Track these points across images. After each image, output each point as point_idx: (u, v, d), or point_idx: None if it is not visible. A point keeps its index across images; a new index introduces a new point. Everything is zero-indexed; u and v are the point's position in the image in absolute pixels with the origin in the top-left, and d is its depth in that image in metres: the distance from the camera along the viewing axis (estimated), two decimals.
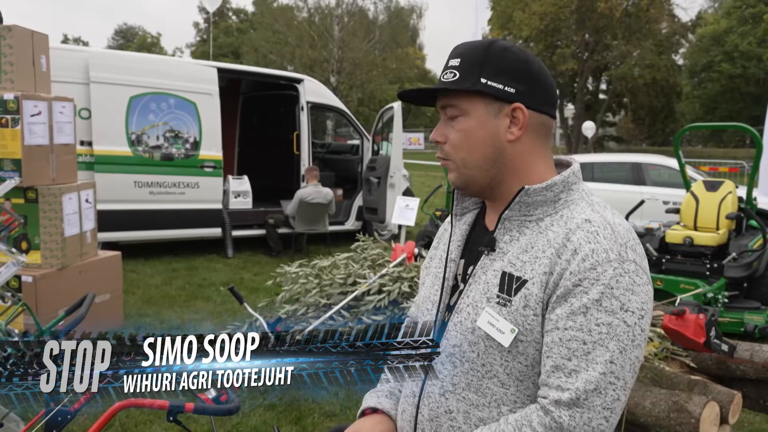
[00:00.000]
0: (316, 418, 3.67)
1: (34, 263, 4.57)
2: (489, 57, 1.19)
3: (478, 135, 1.20)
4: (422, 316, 1.35)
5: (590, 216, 1.15)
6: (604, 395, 1.05)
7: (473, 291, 1.22)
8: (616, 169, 10.61)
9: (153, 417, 3.56)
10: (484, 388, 1.18)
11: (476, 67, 1.19)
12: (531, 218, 1.19)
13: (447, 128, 1.24)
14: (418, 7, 48.22)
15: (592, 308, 1.07)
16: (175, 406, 1.62)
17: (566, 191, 1.19)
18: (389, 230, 9.22)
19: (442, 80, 1.22)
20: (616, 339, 1.06)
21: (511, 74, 1.19)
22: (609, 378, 1.05)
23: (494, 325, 1.16)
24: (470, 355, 1.19)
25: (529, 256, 1.16)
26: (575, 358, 1.06)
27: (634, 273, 1.09)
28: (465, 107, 1.20)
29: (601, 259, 1.09)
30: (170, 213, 7.89)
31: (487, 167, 1.21)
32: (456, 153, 1.22)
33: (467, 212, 1.36)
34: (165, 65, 8.41)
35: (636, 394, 2.73)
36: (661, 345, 3.04)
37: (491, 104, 1.19)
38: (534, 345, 1.13)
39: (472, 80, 1.18)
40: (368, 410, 1.39)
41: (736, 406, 2.68)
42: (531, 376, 1.15)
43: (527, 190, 1.18)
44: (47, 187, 4.59)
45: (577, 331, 1.07)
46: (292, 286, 4.69)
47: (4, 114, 4.38)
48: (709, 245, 5.48)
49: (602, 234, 1.11)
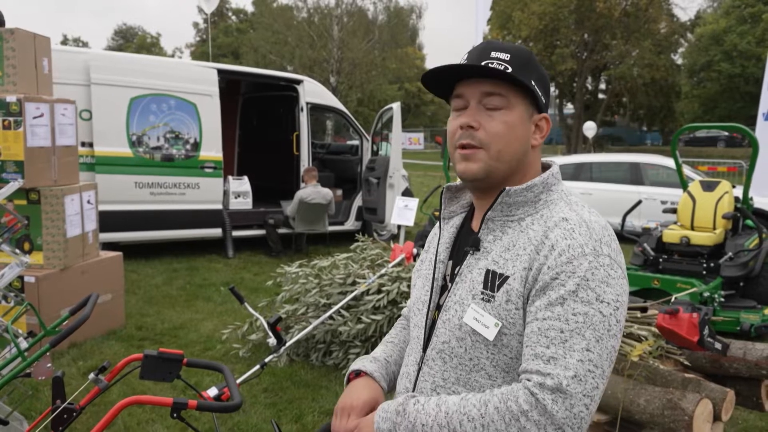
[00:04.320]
0: (316, 416, 3.71)
1: (37, 264, 4.61)
2: (535, 63, 1.25)
3: (517, 131, 1.23)
4: (413, 316, 1.41)
5: (567, 215, 1.20)
6: (584, 383, 1.08)
7: (460, 289, 1.26)
8: (614, 169, 10.65)
9: (155, 416, 3.60)
10: (473, 381, 1.23)
11: (528, 67, 1.23)
12: (513, 218, 1.24)
13: (483, 116, 1.23)
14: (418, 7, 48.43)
15: (569, 299, 1.11)
16: (179, 403, 1.66)
17: (546, 192, 1.24)
18: (388, 230, 9.26)
19: (493, 66, 1.20)
20: (592, 328, 1.10)
21: (544, 86, 1.27)
22: (587, 366, 1.08)
23: (479, 320, 1.20)
24: (458, 351, 1.24)
25: (511, 254, 1.21)
26: (553, 345, 1.10)
27: (608, 266, 1.14)
28: (513, 101, 1.22)
29: (576, 254, 1.13)
30: (171, 213, 7.93)
31: (513, 163, 1.25)
32: (495, 143, 1.22)
33: (455, 215, 1.41)
34: (165, 66, 8.45)
35: (631, 392, 2.78)
36: (656, 343, 3.08)
37: (530, 107, 1.25)
38: (517, 338, 1.18)
39: (528, 78, 1.22)
40: (352, 374, 1.45)
41: (729, 404, 2.73)
42: (516, 367, 1.20)
43: (508, 191, 1.23)
44: (49, 188, 4.63)
45: (554, 321, 1.11)
46: (292, 286, 4.74)
47: (7, 116, 4.43)
48: (705, 245, 5.52)
49: (578, 231, 1.16)
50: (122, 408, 1.65)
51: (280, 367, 4.37)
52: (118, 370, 2.01)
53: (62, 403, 1.88)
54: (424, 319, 1.34)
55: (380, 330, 4.14)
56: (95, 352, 4.63)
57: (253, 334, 4.65)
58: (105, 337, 4.95)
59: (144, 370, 1.94)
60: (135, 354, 2.02)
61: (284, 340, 3.36)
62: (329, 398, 3.94)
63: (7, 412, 2.84)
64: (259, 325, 4.58)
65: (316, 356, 4.47)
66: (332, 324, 4.27)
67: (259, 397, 3.92)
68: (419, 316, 1.37)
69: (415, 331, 1.38)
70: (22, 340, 2.59)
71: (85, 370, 4.29)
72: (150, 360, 1.94)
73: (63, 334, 2.16)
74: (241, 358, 4.51)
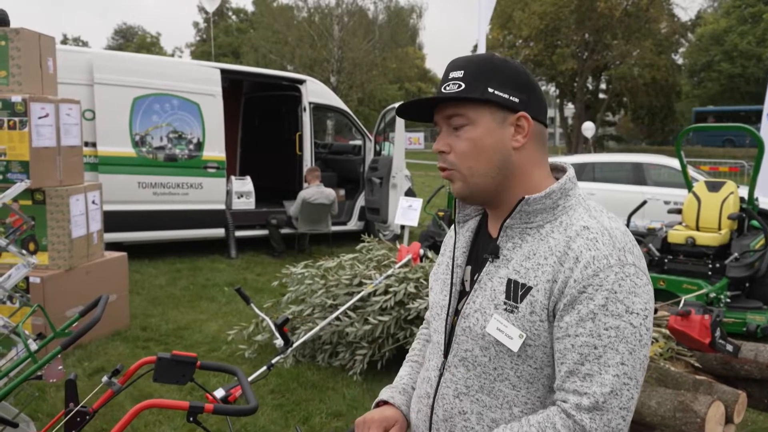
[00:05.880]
0: (323, 418, 3.69)
1: (42, 264, 4.60)
2: (494, 68, 1.23)
3: (485, 143, 1.23)
4: (433, 321, 1.40)
5: (588, 223, 1.19)
6: (620, 396, 1.10)
7: (480, 297, 1.26)
8: (617, 169, 10.63)
9: (162, 418, 3.59)
10: (496, 390, 1.23)
11: (482, 77, 1.22)
12: (532, 225, 1.23)
13: (451, 138, 1.26)
14: (418, 7, 48.39)
15: (599, 314, 1.11)
16: (196, 407, 1.65)
17: (564, 197, 1.24)
18: (391, 230, 9.24)
19: (444, 91, 1.24)
20: (624, 341, 1.11)
21: (515, 85, 1.23)
22: (623, 379, 1.10)
23: (503, 331, 1.20)
24: (482, 360, 1.24)
25: (532, 263, 1.20)
26: (588, 362, 1.11)
27: (634, 275, 1.14)
28: (472, 116, 1.23)
29: (602, 266, 1.13)
30: (174, 214, 7.91)
31: (493, 174, 1.24)
32: (463, 162, 1.25)
33: (469, 219, 1.40)
34: (168, 66, 8.43)
35: (642, 394, 2.77)
36: (666, 345, 3.07)
37: (497, 113, 1.23)
38: (542, 349, 1.18)
39: (480, 90, 1.21)
40: (381, 402, 1.47)
41: (741, 406, 2.71)
42: (540, 378, 1.20)
43: (527, 200, 1.22)
44: (54, 188, 4.62)
45: (587, 337, 1.12)
46: (298, 286, 4.72)
47: (12, 116, 4.41)
48: (711, 245, 5.51)
49: (601, 240, 1.16)
50: (139, 411, 1.64)
51: (287, 368, 4.36)
52: (131, 372, 1.99)
53: (75, 406, 1.86)
54: (443, 325, 1.34)
55: (387, 331, 4.13)
56: (100, 353, 4.62)
57: (258, 335, 4.64)
58: (110, 337, 4.94)
59: (157, 373, 1.92)
60: (148, 357, 2.01)
61: (291, 341, 3.35)
62: (336, 400, 3.93)
63: (13, 413, 2.83)
64: (265, 325, 4.57)
65: (322, 357, 4.45)
66: (339, 325, 4.26)
67: (266, 398, 3.90)
68: (438, 321, 1.37)
69: (435, 336, 1.38)
70: (31, 342, 2.57)
71: (91, 371, 4.28)
72: (163, 363, 1.92)
73: (75, 336, 2.15)
74: (247, 359, 4.50)
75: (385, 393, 1.47)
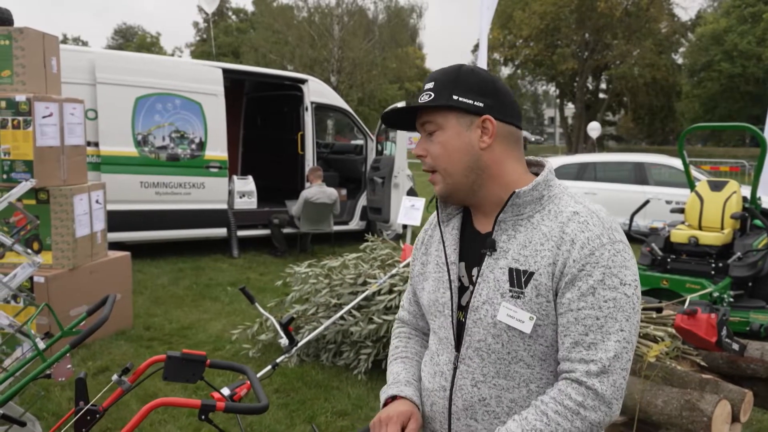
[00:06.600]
0: (328, 417, 3.70)
1: (46, 264, 4.59)
2: (459, 77, 1.36)
3: (454, 145, 1.35)
4: (434, 319, 1.45)
5: (576, 208, 1.31)
6: (621, 359, 1.23)
7: (485, 290, 1.34)
8: (619, 168, 10.64)
9: (167, 416, 3.60)
10: (512, 372, 1.32)
11: (448, 86, 1.35)
12: (522, 216, 1.33)
13: (427, 143, 1.39)
14: (418, 7, 48.34)
15: (598, 288, 1.24)
16: (207, 405, 1.65)
17: (547, 188, 1.35)
18: (393, 230, 9.25)
19: (419, 102, 1.38)
20: (621, 310, 1.24)
21: (479, 91, 1.35)
22: (623, 344, 1.24)
23: (513, 316, 1.30)
24: (495, 347, 1.33)
25: (529, 250, 1.30)
26: (591, 332, 1.24)
27: (623, 251, 1.28)
28: (440, 122, 1.36)
29: (596, 245, 1.26)
30: (176, 213, 7.91)
31: (466, 173, 1.36)
32: (438, 163, 1.37)
33: (452, 217, 1.48)
34: (170, 66, 8.43)
35: (648, 393, 2.77)
36: (672, 344, 3.07)
37: (463, 117, 1.34)
38: (551, 327, 1.29)
39: (445, 98, 1.34)
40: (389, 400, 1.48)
41: (747, 405, 2.72)
42: (552, 354, 1.31)
43: (518, 193, 1.33)
44: (58, 188, 4.62)
45: (589, 310, 1.24)
46: (302, 286, 4.72)
47: (16, 115, 4.41)
48: (713, 245, 5.51)
49: (591, 222, 1.28)
50: (151, 410, 1.64)
51: (291, 367, 4.36)
52: (141, 371, 1.99)
53: (85, 405, 1.87)
54: (449, 321, 1.40)
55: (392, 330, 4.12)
56: (104, 353, 4.62)
57: (262, 335, 4.64)
58: (114, 337, 4.94)
59: (167, 372, 1.92)
60: (157, 356, 2.01)
61: (296, 341, 3.35)
62: (341, 399, 3.93)
63: (19, 413, 2.83)
64: (269, 325, 4.57)
65: (326, 356, 4.46)
66: (343, 324, 4.26)
67: (271, 397, 3.91)
68: (442, 318, 1.42)
69: (441, 333, 1.43)
70: (39, 341, 2.57)
71: (95, 370, 4.28)
72: (173, 361, 1.93)
73: (84, 335, 2.15)
74: (251, 359, 4.50)
75: (391, 389, 1.49)
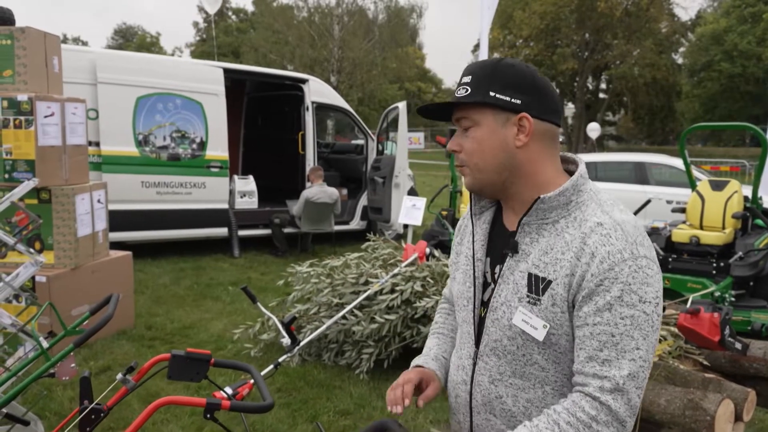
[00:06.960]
0: (331, 416, 3.70)
1: (47, 263, 4.59)
2: (496, 72, 1.32)
3: (489, 143, 1.33)
4: (460, 311, 1.49)
5: (601, 219, 1.27)
6: (637, 378, 1.21)
7: (504, 291, 1.35)
8: (619, 168, 10.63)
9: (170, 416, 3.60)
10: (528, 373, 1.33)
11: (485, 82, 1.32)
12: (547, 221, 1.31)
13: (462, 138, 1.37)
14: (418, 7, 48.34)
15: (615, 304, 1.20)
16: (213, 404, 1.65)
17: (576, 194, 1.31)
18: (394, 230, 9.25)
19: (456, 96, 1.36)
20: (638, 328, 1.21)
21: (517, 87, 1.31)
22: (638, 363, 1.21)
23: (528, 322, 1.30)
24: (511, 348, 1.34)
25: (550, 257, 1.28)
26: (606, 348, 1.21)
27: (646, 267, 1.23)
28: (476, 118, 1.33)
29: (617, 260, 1.21)
30: (177, 213, 7.92)
31: (499, 171, 1.34)
32: (470, 159, 1.35)
33: (485, 210, 1.47)
34: (171, 66, 8.43)
35: (651, 392, 2.77)
36: (675, 343, 3.08)
37: (499, 115, 1.32)
38: (565, 336, 1.28)
39: (481, 94, 1.31)
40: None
41: (750, 404, 2.72)
42: (565, 360, 1.31)
43: (543, 199, 1.30)
44: (60, 187, 4.62)
45: (605, 326, 1.21)
46: (304, 285, 4.72)
47: (18, 115, 4.41)
48: (715, 244, 5.51)
49: (614, 236, 1.23)
50: (156, 408, 1.64)
51: (293, 367, 4.36)
52: (145, 370, 1.99)
53: (90, 404, 1.87)
54: (471, 316, 1.43)
55: (394, 330, 4.13)
56: (106, 352, 4.62)
57: (264, 334, 4.64)
58: (115, 336, 4.94)
59: (171, 371, 1.93)
60: (161, 354, 2.01)
61: (298, 340, 3.35)
62: (343, 398, 3.93)
63: (21, 412, 2.83)
64: (271, 324, 4.57)
65: (328, 356, 4.46)
66: (345, 324, 4.26)
67: (273, 397, 3.90)
68: (465, 312, 1.45)
69: (464, 326, 1.46)
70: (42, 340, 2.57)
71: (97, 370, 4.28)
72: (177, 360, 1.93)
73: (87, 334, 2.15)
74: (253, 358, 4.50)
75: (419, 359, 1.57)
